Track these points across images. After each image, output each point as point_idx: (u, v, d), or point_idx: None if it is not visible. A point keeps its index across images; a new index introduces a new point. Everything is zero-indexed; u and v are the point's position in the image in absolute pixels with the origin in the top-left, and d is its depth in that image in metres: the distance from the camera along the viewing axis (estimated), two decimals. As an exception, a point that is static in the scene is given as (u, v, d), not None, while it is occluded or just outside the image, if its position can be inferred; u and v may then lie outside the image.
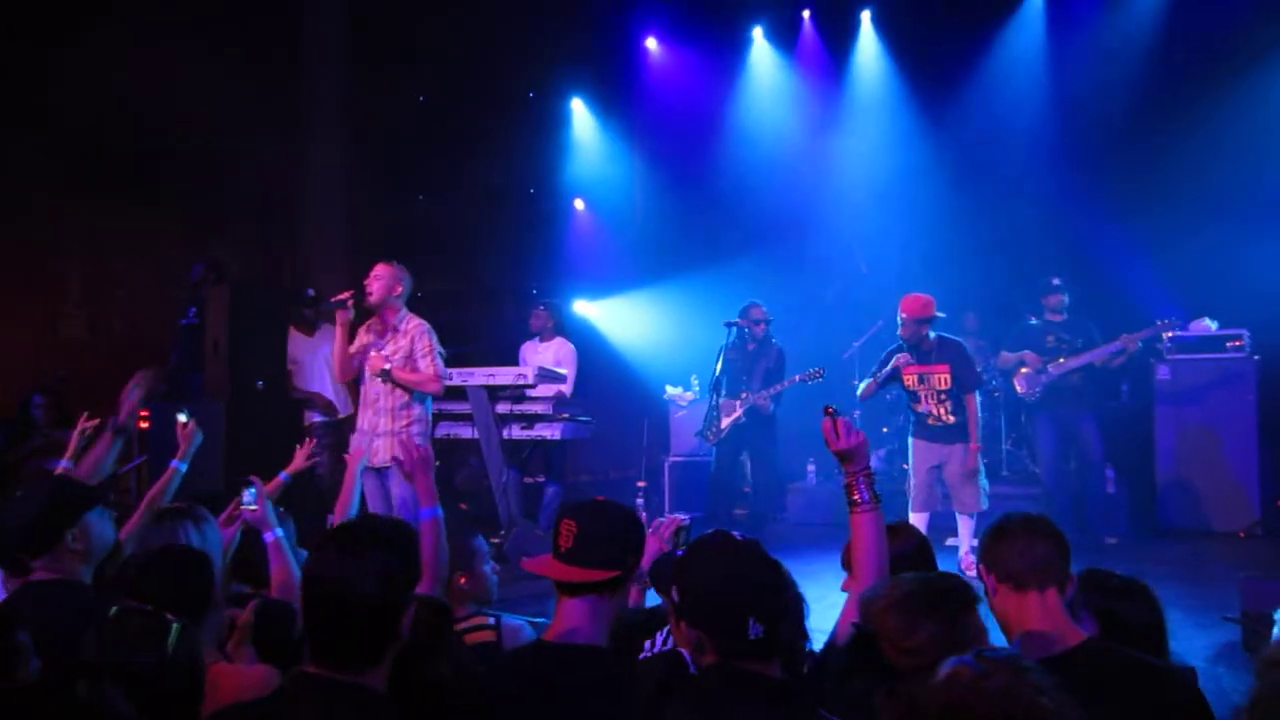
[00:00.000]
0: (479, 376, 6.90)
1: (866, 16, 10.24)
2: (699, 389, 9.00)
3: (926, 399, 6.30)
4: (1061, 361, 7.08)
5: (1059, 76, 9.20)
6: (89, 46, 8.06)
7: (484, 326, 10.61)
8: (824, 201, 9.91)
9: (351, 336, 5.57)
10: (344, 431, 7.01)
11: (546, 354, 7.70)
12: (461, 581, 3.00)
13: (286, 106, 9.94)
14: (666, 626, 2.28)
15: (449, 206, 10.61)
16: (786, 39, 10.65)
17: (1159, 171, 8.06)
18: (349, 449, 5.46)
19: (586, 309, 10.62)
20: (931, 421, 6.30)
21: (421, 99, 10.44)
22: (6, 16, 8.24)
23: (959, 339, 6.51)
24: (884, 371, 6.39)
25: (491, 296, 11.24)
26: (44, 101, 8.43)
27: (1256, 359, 7.48)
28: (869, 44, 10.27)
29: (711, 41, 10.60)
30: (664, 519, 3.16)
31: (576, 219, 11.50)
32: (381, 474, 5.34)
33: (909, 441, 6.49)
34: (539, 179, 11.32)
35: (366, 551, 1.87)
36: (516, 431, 7.08)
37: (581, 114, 11.30)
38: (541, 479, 7.64)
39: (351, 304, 5.42)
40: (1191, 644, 4.42)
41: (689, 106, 10.66)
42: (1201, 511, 7.48)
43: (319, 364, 7.45)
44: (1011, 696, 1.44)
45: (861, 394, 6.67)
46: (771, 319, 7.33)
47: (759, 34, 10.68)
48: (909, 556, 2.60)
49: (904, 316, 6.27)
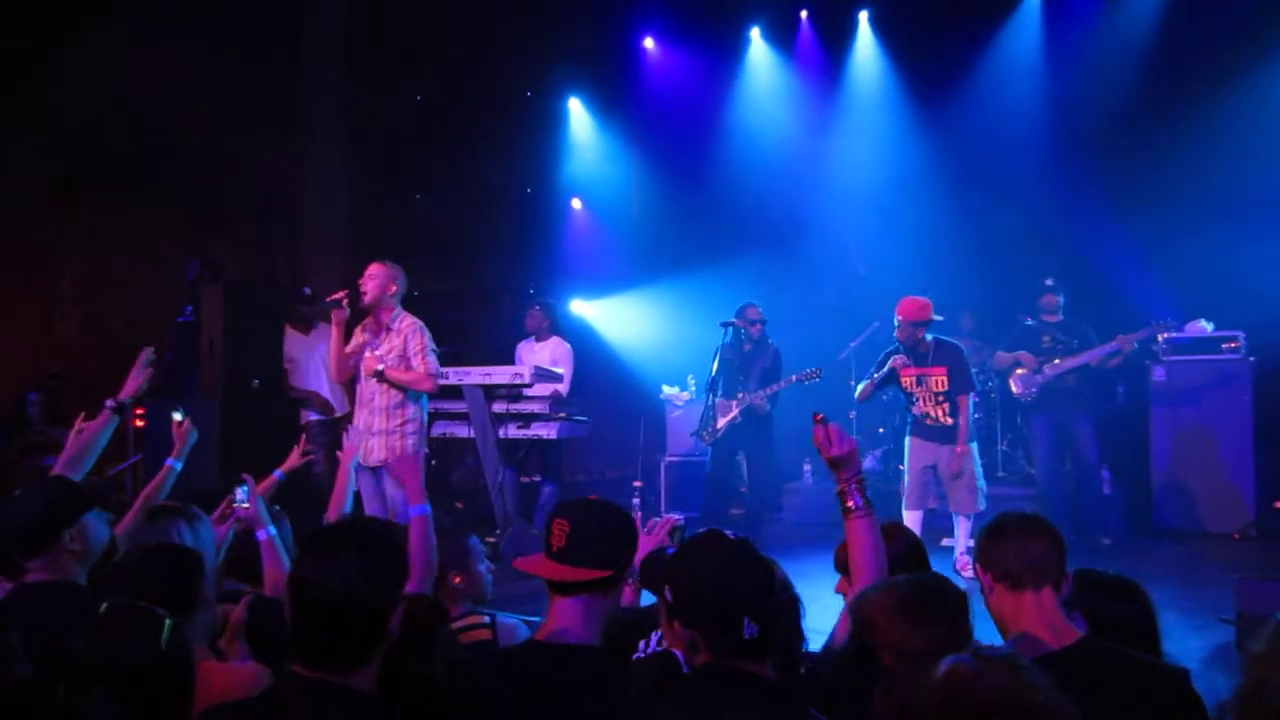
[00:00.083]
0: (475, 375, 6.90)
1: (864, 17, 10.23)
2: (695, 389, 9.00)
3: (924, 400, 6.31)
4: (1057, 362, 7.09)
5: (1056, 77, 9.20)
6: (89, 46, 8.06)
7: (481, 326, 10.59)
8: (821, 202, 9.90)
9: (348, 336, 5.58)
10: (340, 430, 7.01)
11: (543, 353, 7.70)
12: (456, 580, 3.00)
13: (286, 106, 9.94)
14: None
15: (447, 206, 10.62)
16: (784, 39, 10.64)
17: (1156, 173, 8.07)
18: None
19: (583, 308, 10.62)
20: (929, 422, 6.31)
21: (420, 98, 10.43)
22: (6, 16, 8.23)
23: (956, 342, 6.52)
24: (881, 373, 6.41)
25: (489, 296, 11.23)
26: (44, 101, 8.43)
27: (1252, 361, 7.49)
28: (867, 44, 10.25)
29: (709, 41, 10.60)
30: (659, 519, 3.17)
31: (574, 218, 11.49)
32: (376, 473, 5.35)
33: (905, 441, 6.51)
34: (536, 178, 11.31)
35: (351, 553, 1.88)
36: (513, 431, 7.08)
37: (579, 114, 11.30)
38: (538, 478, 7.64)
39: (347, 303, 5.43)
40: (1186, 645, 4.42)
41: (686, 106, 10.65)
42: (1197, 513, 7.50)
43: (315, 363, 7.46)
44: (1008, 693, 1.45)
45: (859, 396, 6.69)
46: (767, 320, 7.33)
47: (756, 34, 10.67)
48: (900, 558, 2.59)
49: (900, 319, 6.28)
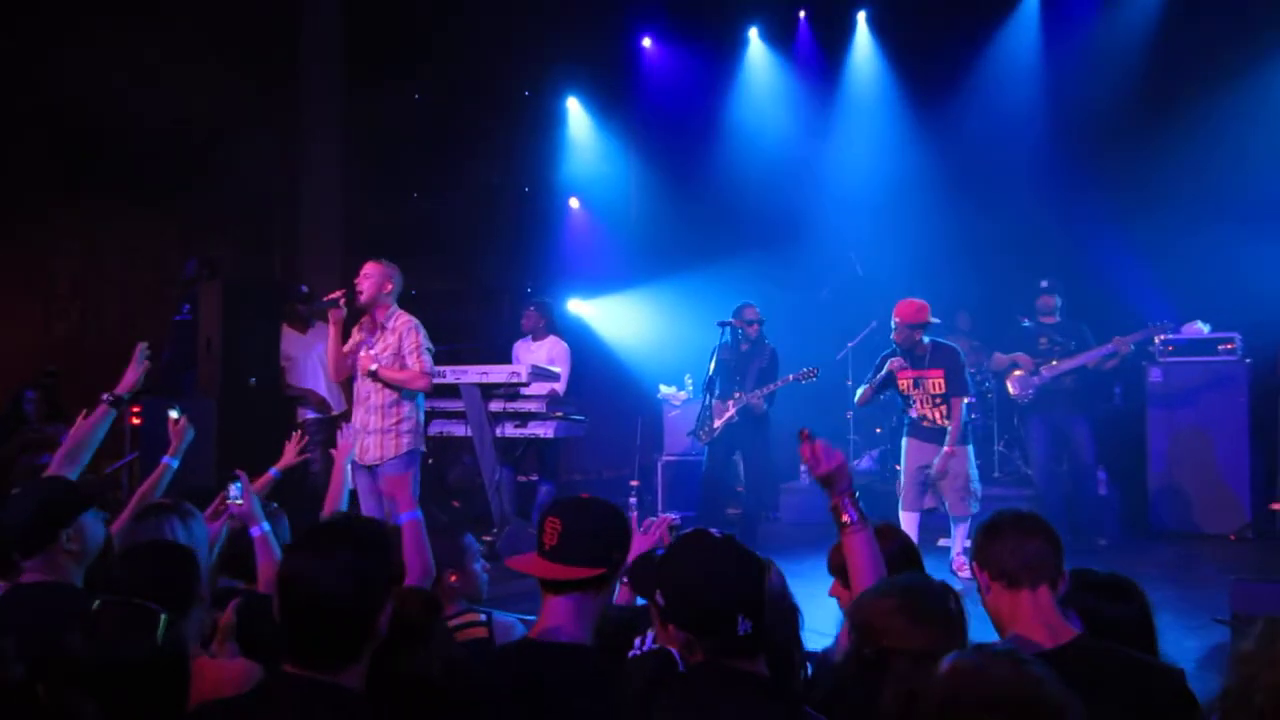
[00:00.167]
0: (472, 374, 6.90)
1: (862, 17, 10.24)
2: (692, 389, 9.00)
3: (921, 403, 6.31)
4: (1054, 364, 7.09)
5: (1054, 78, 9.20)
6: (89, 46, 8.04)
7: (479, 325, 10.59)
8: (819, 201, 9.90)
9: (346, 335, 5.58)
10: (337, 428, 7.01)
11: (540, 352, 7.69)
12: (452, 579, 3.00)
13: (284, 106, 9.93)
14: None
15: (445, 205, 10.60)
16: (782, 39, 10.64)
17: (1153, 174, 8.06)
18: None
19: (581, 308, 10.61)
20: (926, 424, 6.30)
21: (418, 97, 10.43)
22: (6, 16, 8.22)
23: (954, 344, 6.51)
24: (879, 376, 6.40)
25: (487, 295, 11.23)
26: (43, 101, 8.41)
27: (1248, 362, 7.48)
28: (865, 45, 10.26)
29: (707, 41, 10.60)
30: (655, 518, 3.17)
31: (571, 218, 11.49)
32: (373, 471, 5.35)
33: (902, 442, 6.50)
34: (535, 178, 11.31)
35: (339, 551, 1.87)
36: (510, 429, 7.08)
37: (577, 113, 11.28)
38: (535, 477, 7.63)
39: (344, 302, 5.43)
40: (1182, 646, 4.42)
41: (684, 106, 10.65)
42: (1193, 514, 7.49)
43: (312, 361, 7.45)
44: (1012, 686, 1.47)
45: (859, 400, 6.69)
46: (765, 320, 7.33)
47: (755, 34, 10.67)
48: (894, 558, 2.58)
49: (898, 321, 6.28)
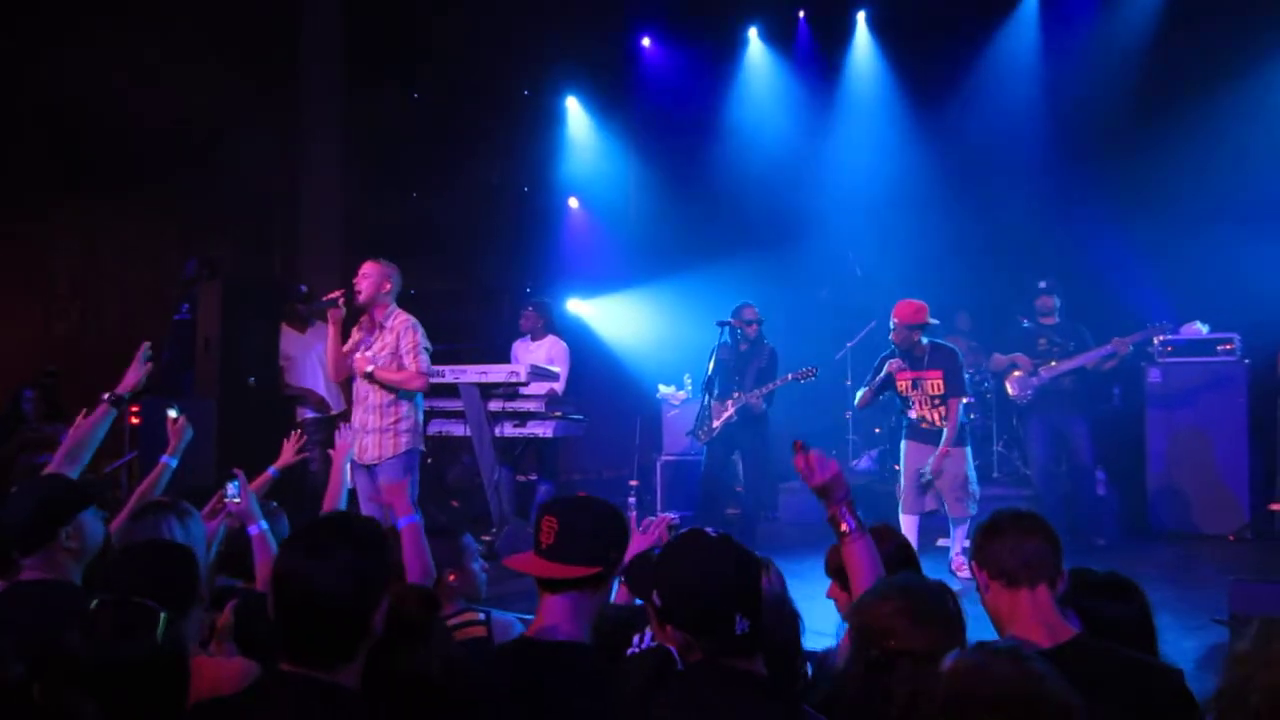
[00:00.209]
0: (471, 374, 6.89)
1: (862, 17, 10.24)
2: (692, 388, 9.00)
3: (919, 404, 6.30)
4: (1053, 364, 7.09)
5: (1053, 78, 9.20)
6: (89, 46, 8.04)
7: (478, 325, 10.59)
8: (818, 201, 9.90)
9: (346, 334, 5.57)
10: (336, 428, 7.01)
11: (538, 352, 7.69)
12: (451, 578, 3.01)
13: (284, 105, 9.93)
14: None
15: (444, 205, 10.60)
16: (782, 39, 10.64)
17: (1152, 175, 8.06)
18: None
19: (580, 307, 10.61)
20: (925, 426, 6.29)
21: (416, 96, 10.43)
22: (6, 16, 8.21)
23: (952, 345, 6.50)
24: (878, 379, 6.39)
25: (486, 295, 11.23)
26: (43, 100, 8.41)
27: (1247, 363, 7.47)
28: (864, 45, 10.26)
29: (707, 41, 10.60)
30: (654, 517, 3.17)
31: (571, 217, 11.49)
32: (371, 471, 5.35)
33: (901, 444, 6.49)
34: (534, 177, 11.31)
35: (334, 549, 1.87)
36: (509, 429, 7.07)
37: (576, 113, 11.28)
38: (534, 477, 7.63)
39: (343, 302, 5.42)
40: (1180, 646, 4.43)
41: (684, 106, 10.65)
42: (1191, 514, 7.49)
43: (311, 360, 7.45)
44: (1015, 682, 1.48)
45: (859, 404, 6.68)
46: (764, 320, 7.33)
47: (754, 34, 10.68)
48: (890, 559, 2.59)
49: (896, 322, 6.27)
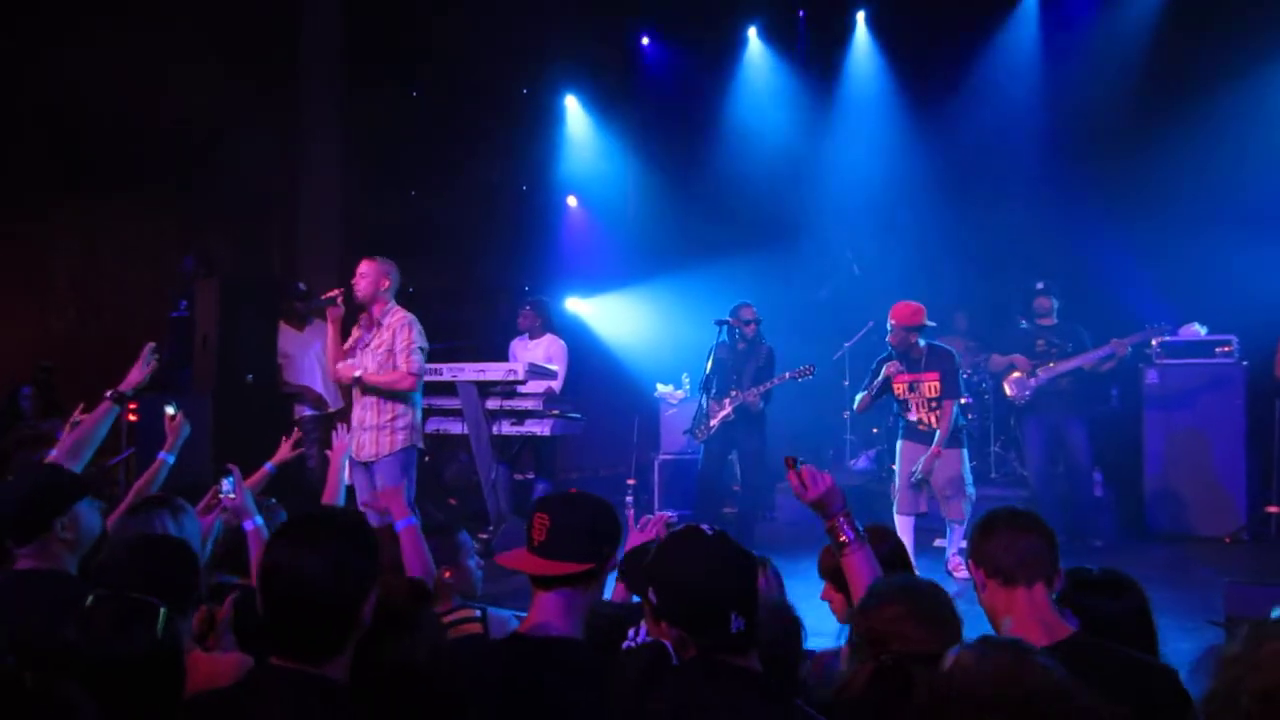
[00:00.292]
0: (469, 372, 6.89)
1: (861, 17, 10.24)
2: (690, 387, 9.00)
3: (917, 407, 6.30)
4: (1051, 365, 7.10)
5: (1052, 79, 9.20)
6: (89, 46, 8.03)
7: (477, 323, 10.58)
8: (817, 202, 9.91)
9: (346, 332, 5.56)
10: (333, 425, 7.01)
11: (537, 350, 7.68)
12: (446, 575, 3.02)
13: (284, 104, 9.92)
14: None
15: (443, 204, 10.60)
16: (782, 39, 10.64)
17: (1151, 176, 8.06)
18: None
19: (578, 306, 10.62)
20: (921, 428, 6.29)
21: (415, 94, 10.42)
22: (6, 16, 8.21)
23: (949, 348, 6.50)
24: (877, 382, 6.38)
25: (484, 294, 11.23)
26: (42, 99, 8.41)
27: (1245, 365, 7.48)
28: (864, 45, 10.27)
29: (706, 40, 10.59)
30: (652, 515, 3.17)
31: (569, 216, 11.49)
32: (369, 468, 5.35)
33: (897, 445, 6.49)
34: (532, 176, 11.31)
35: (320, 542, 1.88)
36: (506, 427, 7.06)
37: (575, 111, 11.28)
38: (531, 475, 7.62)
39: (342, 301, 5.41)
40: (1176, 648, 4.40)
41: (683, 105, 10.66)
42: (1188, 516, 7.49)
43: (309, 358, 7.45)
44: (1017, 675, 1.48)
45: (858, 408, 6.68)
46: (762, 319, 7.33)
47: (754, 33, 10.67)
48: (884, 560, 2.59)
49: (893, 323, 6.27)
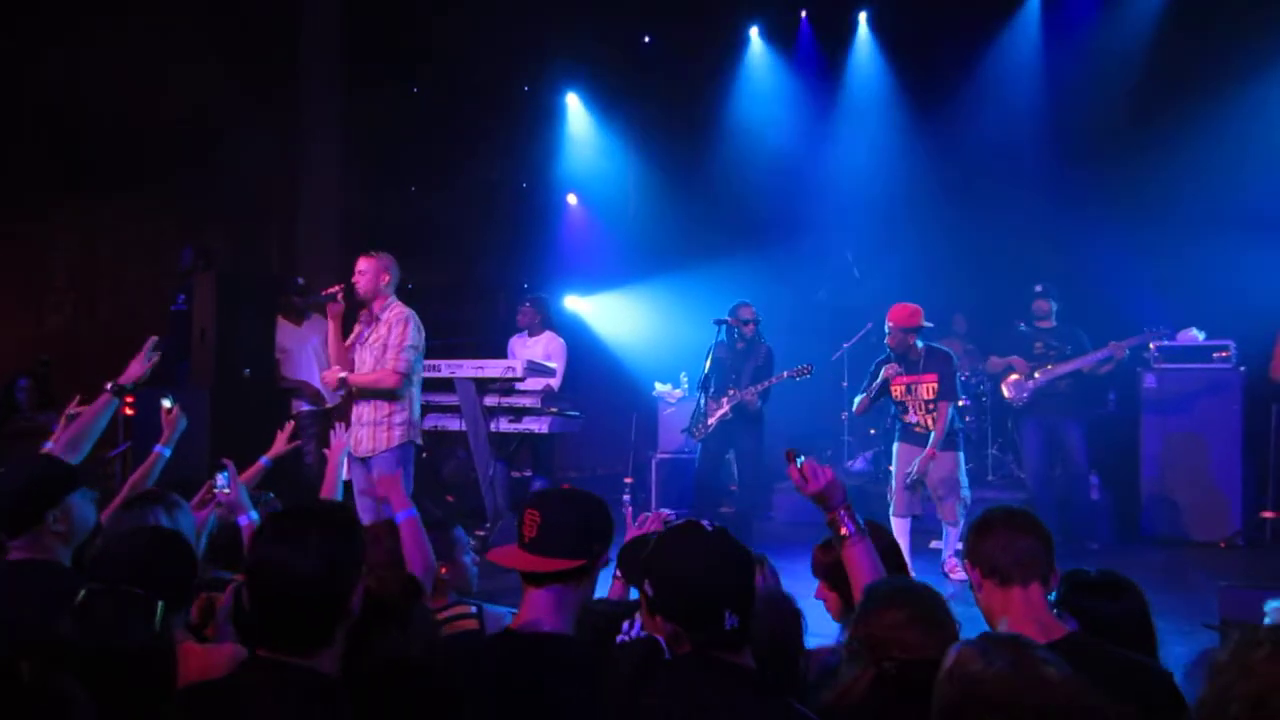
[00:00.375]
0: (467, 369, 6.88)
1: (863, 18, 10.24)
2: (688, 386, 9.00)
3: (914, 409, 6.30)
4: (1049, 368, 7.10)
5: (1053, 82, 9.20)
6: (89, 46, 8.02)
7: (476, 321, 10.58)
8: (817, 202, 9.90)
9: (347, 328, 5.55)
10: (331, 420, 7.01)
11: (535, 348, 7.68)
12: (442, 572, 3.02)
13: (284, 102, 9.92)
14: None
15: (442, 201, 10.59)
16: (783, 39, 10.63)
17: (1151, 180, 8.08)
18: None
19: (577, 304, 10.61)
20: (918, 430, 6.29)
21: (415, 91, 10.41)
22: (6, 16, 8.20)
23: (947, 349, 6.50)
24: (875, 384, 6.38)
25: (484, 292, 11.23)
26: (42, 97, 8.40)
27: (1242, 370, 7.48)
28: (866, 45, 10.26)
29: (707, 40, 10.59)
30: (649, 514, 3.17)
31: (569, 214, 11.49)
32: (366, 464, 5.34)
33: (894, 446, 6.49)
34: (532, 174, 11.31)
35: (306, 534, 1.88)
36: (504, 424, 7.05)
37: (576, 109, 11.27)
38: (529, 473, 7.61)
39: (342, 297, 5.40)
40: (1171, 651, 4.40)
41: (684, 104, 10.65)
42: (1184, 520, 7.49)
43: (307, 353, 7.45)
44: (1018, 671, 1.48)
45: (857, 410, 6.67)
46: (761, 319, 7.33)
47: (755, 33, 10.67)
48: (881, 557, 2.58)
49: (891, 325, 6.27)
